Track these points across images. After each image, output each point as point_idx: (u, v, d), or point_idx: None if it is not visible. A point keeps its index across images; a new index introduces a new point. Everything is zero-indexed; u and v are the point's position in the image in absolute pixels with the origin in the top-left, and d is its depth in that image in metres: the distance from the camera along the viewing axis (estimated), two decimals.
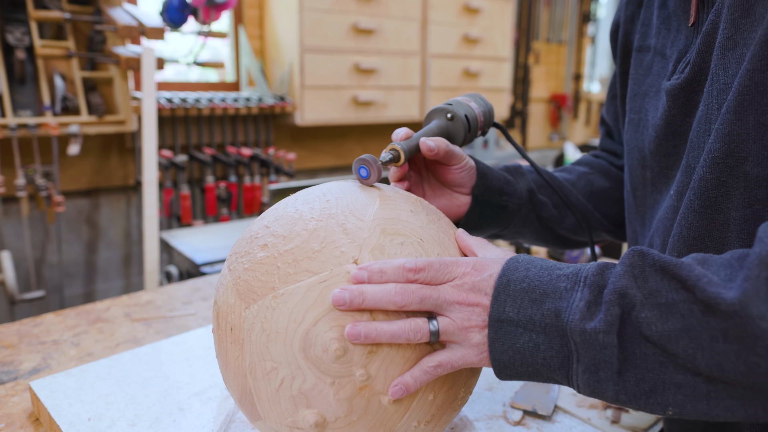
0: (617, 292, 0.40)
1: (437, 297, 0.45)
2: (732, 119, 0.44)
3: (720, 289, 0.37)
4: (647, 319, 0.39)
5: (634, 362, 0.40)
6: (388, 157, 0.56)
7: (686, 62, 0.53)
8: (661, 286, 0.40)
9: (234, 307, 0.48)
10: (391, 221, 0.49)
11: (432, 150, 0.58)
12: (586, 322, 0.41)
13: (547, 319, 0.42)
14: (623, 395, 0.41)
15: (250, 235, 0.51)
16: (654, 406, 0.40)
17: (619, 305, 0.40)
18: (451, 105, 0.64)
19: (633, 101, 0.64)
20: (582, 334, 0.40)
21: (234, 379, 0.49)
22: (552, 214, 0.72)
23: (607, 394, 0.41)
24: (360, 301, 0.43)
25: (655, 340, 0.39)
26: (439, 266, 0.46)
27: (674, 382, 0.39)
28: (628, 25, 0.68)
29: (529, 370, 0.44)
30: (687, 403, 0.39)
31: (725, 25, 0.47)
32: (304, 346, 0.44)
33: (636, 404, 0.41)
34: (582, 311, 0.41)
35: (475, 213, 0.65)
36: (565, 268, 0.45)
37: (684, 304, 0.38)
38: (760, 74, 0.42)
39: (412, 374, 0.45)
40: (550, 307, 0.42)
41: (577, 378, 0.42)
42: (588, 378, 0.41)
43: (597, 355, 0.40)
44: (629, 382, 0.40)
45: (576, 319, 0.41)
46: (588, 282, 0.42)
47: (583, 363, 0.41)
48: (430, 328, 0.45)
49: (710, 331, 0.37)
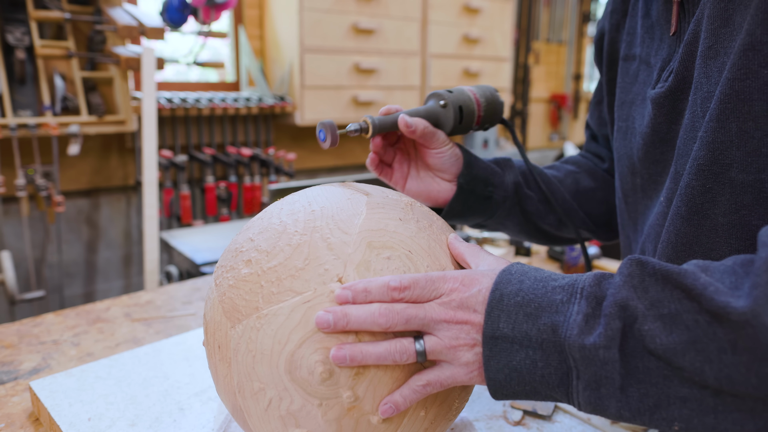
0: (618, 304, 0.39)
1: (423, 316, 0.43)
2: (715, 127, 0.45)
3: (728, 297, 0.36)
4: (650, 331, 0.37)
5: (637, 377, 0.38)
6: (354, 127, 0.58)
7: (669, 71, 0.54)
8: (663, 296, 0.38)
9: (220, 324, 0.48)
10: (378, 233, 0.47)
11: (409, 127, 0.60)
12: (585, 336, 0.39)
13: (544, 335, 0.40)
14: (626, 412, 0.39)
15: (235, 248, 0.50)
16: (659, 421, 0.39)
17: (620, 318, 0.38)
18: (451, 93, 0.64)
19: (620, 109, 0.65)
20: (581, 349, 0.39)
21: (225, 395, 0.49)
22: (537, 208, 0.73)
23: (609, 411, 0.40)
24: (344, 323, 0.42)
25: (660, 353, 0.37)
26: (425, 283, 0.44)
27: (680, 396, 0.37)
28: (613, 33, 0.69)
29: (526, 388, 0.42)
30: (693, 417, 0.38)
31: (706, 34, 0.47)
32: (289, 368, 0.43)
33: (640, 420, 0.39)
34: (580, 325, 0.39)
35: (460, 201, 0.66)
36: (560, 279, 0.43)
37: (689, 314, 0.37)
38: (740, 83, 0.43)
39: (402, 393, 0.44)
40: (547, 321, 0.41)
41: (577, 395, 0.40)
42: (589, 395, 0.40)
43: (598, 371, 0.39)
44: (632, 398, 0.39)
45: (574, 334, 0.39)
46: (585, 294, 0.41)
47: (583, 380, 0.39)
48: (417, 348, 0.43)
49: (718, 343, 0.36)
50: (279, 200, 0.54)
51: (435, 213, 0.57)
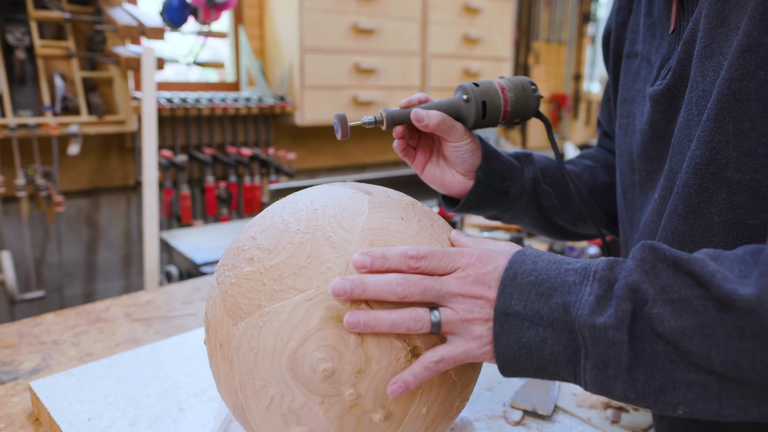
0: (629, 287, 0.39)
1: (440, 288, 0.44)
2: (712, 126, 0.45)
3: (736, 285, 0.36)
4: (660, 315, 0.38)
5: (645, 359, 0.39)
6: (369, 119, 0.59)
7: (668, 69, 0.54)
8: (674, 282, 0.39)
9: (222, 322, 0.47)
10: (380, 231, 0.47)
11: (420, 121, 0.60)
12: (596, 317, 0.40)
13: (555, 314, 0.41)
14: (632, 393, 0.40)
15: (237, 246, 0.50)
16: (663, 404, 0.39)
17: (631, 300, 0.39)
18: (477, 87, 0.63)
19: (622, 106, 0.66)
20: (591, 329, 0.40)
21: (226, 393, 0.49)
22: (553, 204, 0.73)
23: (615, 392, 0.40)
24: (361, 291, 0.43)
25: (668, 337, 0.38)
26: (442, 255, 0.45)
27: (685, 381, 0.38)
28: (619, 31, 0.69)
29: (534, 365, 0.43)
30: (698, 402, 0.38)
31: (702, 34, 0.48)
32: (291, 366, 0.43)
33: (645, 402, 0.40)
34: (591, 306, 0.40)
35: (477, 194, 0.66)
36: (573, 263, 0.44)
37: (698, 300, 0.38)
38: (737, 83, 0.43)
39: (412, 371, 0.43)
40: (558, 301, 0.41)
41: (584, 374, 0.41)
42: (596, 375, 0.40)
43: (606, 352, 0.40)
44: (639, 380, 0.39)
45: (585, 313, 0.40)
46: (598, 276, 0.42)
47: (591, 359, 0.40)
48: (432, 319, 0.44)
49: (725, 329, 0.36)
50: (281, 199, 0.54)
51: (436, 213, 0.57)
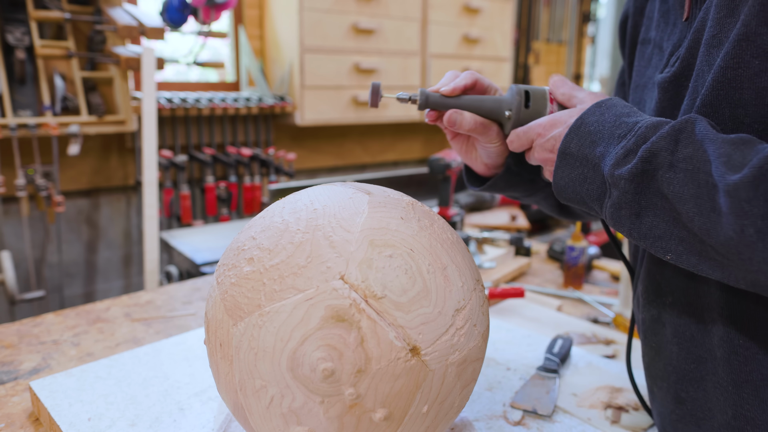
0: (651, 151, 0.46)
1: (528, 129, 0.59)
2: (708, 112, 0.48)
3: (728, 169, 0.41)
4: (669, 179, 0.45)
5: (652, 210, 0.47)
6: (404, 96, 0.61)
7: (677, 56, 0.55)
8: (694, 155, 0.44)
9: (222, 322, 0.47)
10: (380, 231, 0.47)
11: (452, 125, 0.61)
12: (617, 168, 0.48)
13: (596, 160, 0.51)
14: (636, 233, 0.48)
15: (237, 246, 0.50)
16: (657, 248, 0.47)
17: (648, 162, 0.46)
18: (527, 108, 0.61)
19: (635, 92, 0.66)
20: (611, 177, 0.49)
21: (226, 393, 0.49)
22: None
23: (624, 229, 0.50)
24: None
25: (670, 197, 0.45)
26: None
27: (679, 236, 0.45)
28: (637, 17, 0.69)
29: (576, 197, 0.54)
30: (683, 253, 0.46)
31: (712, 23, 0.48)
32: (291, 365, 0.43)
33: (643, 243, 0.48)
34: (618, 158, 0.48)
35: (504, 179, 0.68)
36: (634, 115, 0.51)
37: (703, 175, 0.43)
38: (732, 71, 0.45)
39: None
40: (602, 150, 0.51)
41: (606, 210, 0.51)
42: (613, 212, 0.50)
43: (620, 197, 0.48)
44: (644, 225, 0.48)
45: (611, 164, 0.49)
46: (638, 132, 0.48)
47: (611, 199, 0.49)
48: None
49: (711, 203, 0.41)
50: (281, 199, 0.54)
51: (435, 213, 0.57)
